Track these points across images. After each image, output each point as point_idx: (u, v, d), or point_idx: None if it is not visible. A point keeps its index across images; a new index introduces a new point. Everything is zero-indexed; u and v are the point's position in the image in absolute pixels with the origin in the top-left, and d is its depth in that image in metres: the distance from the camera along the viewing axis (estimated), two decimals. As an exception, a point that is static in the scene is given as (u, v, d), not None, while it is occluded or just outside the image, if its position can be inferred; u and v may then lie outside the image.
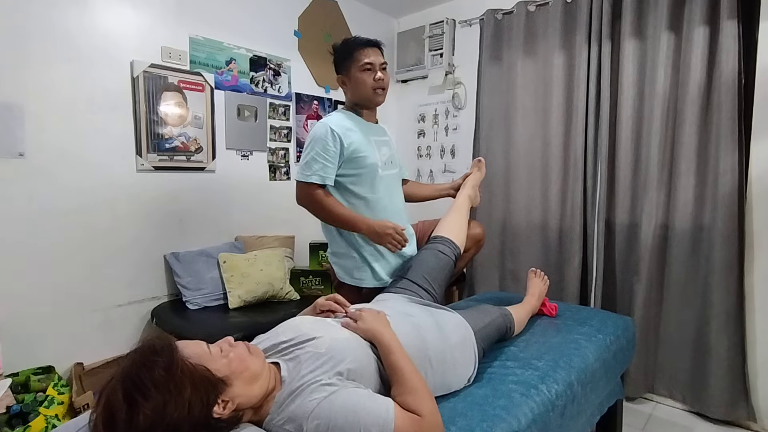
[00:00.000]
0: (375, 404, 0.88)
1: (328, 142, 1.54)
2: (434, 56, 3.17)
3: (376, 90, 1.62)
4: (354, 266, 1.65)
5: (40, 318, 1.92)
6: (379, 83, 1.62)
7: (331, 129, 1.56)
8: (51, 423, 1.62)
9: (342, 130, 1.57)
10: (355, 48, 1.61)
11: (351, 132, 1.59)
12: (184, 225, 2.38)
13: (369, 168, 1.61)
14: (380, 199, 1.64)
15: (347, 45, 1.64)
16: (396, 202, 1.72)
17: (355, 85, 1.63)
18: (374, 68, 1.61)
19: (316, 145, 1.55)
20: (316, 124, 1.61)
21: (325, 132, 1.55)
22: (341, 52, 1.65)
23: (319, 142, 1.55)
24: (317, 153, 1.55)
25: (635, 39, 2.30)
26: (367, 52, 1.61)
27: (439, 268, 1.59)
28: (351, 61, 1.61)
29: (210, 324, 2.03)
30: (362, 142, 1.60)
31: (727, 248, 2.04)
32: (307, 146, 1.58)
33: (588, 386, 1.41)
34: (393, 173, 1.72)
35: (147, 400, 0.75)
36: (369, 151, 1.61)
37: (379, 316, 1.14)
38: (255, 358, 0.94)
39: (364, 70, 1.60)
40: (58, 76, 1.92)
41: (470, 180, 1.84)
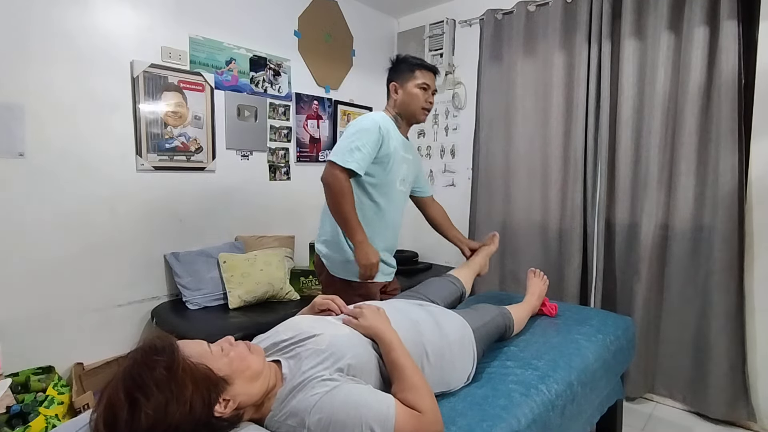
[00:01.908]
0: (376, 400, 0.89)
1: (374, 137, 1.58)
2: (434, 56, 3.17)
3: (423, 109, 1.73)
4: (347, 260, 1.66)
5: (40, 318, 1.92)
6: (428, 104, 1.73)
7: (379, 126, 1.60)
8: (51, 423, 1.62)
9: (386, 132, 1.63)
10: (420, 67, 1.72)
11: (391, 138, 1.65)
12: (184, 225, 2.38)
13: (390, 177, 1.67)
14: (390, 210, 1.70)
15: (413, 62, 1.74)
16: (398, 219, 1.78)
17: (409, 97, 1.71)
18: (428, 90, 1.73)
19: (363, 136, 1.57)
20: (365, 117, 1.64)
21: (374, 127, 1.59)
22: (406, 64, 1.75)
23: (366, 133, 1.58)
24: (363, 143, 1.56)
25: (635, 39, 2.30)
26: (428, 75, 1.73)
27: (448, 292, 1.66)
28: (411, 76, 1.71)
29: (210, 324, 2.03)
30: (394, 151, 1.66)
31: (727, 248, 2.04)
32: (353, 134, 1.59)
33: (588, 386, 1.42)
34: (404, 191, 1.79)
35: (148, 399, 0.75)
36: (396, 162, 1.67)
37: (380, 312, 1.14)
38: (256, 357, 0.94)
39: (421, 88, 1.71)
40: (58, 76, 1.92)
41: (485, 250, 1.91)
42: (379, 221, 1.67)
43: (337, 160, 1.55)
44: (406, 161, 1.75)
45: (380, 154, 1.61)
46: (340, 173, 1.54)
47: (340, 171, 1.55)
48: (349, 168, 1.54)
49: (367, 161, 1.57)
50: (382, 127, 1.61)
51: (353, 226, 1.56)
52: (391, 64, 1.80)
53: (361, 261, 1.56)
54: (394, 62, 1.79)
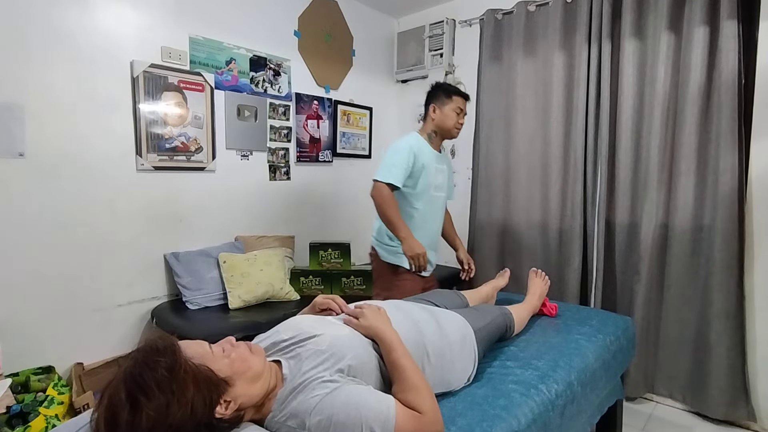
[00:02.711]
0: (376, 401, 0.89)
1: (406, 156, 1.96)
2: (434, 56, 3.17)
3: (457, 127, 2.10)
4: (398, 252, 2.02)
5: (40, 318, 1.92)
6: (459, 125, 2.10)
7: (410, 146, 1.99)
8: (51, 423, 1.62)
9: (417, 151, 2.00)
10: (456, 94, 2.08)
11: (422, 154, 2.02)
12: (184, 225, 2.38)
13: (425, 186, 2.03)
14: (427, 214, 2.07)
15: (450, 89, 2.10)
16: (437, 221, 2.16)
17: (446, 118, 2.07)
18: (461, 113, 2.09)
19: (398, 156, 1.96)
20: (400, 141, 2.04)
21: (406, 147, 1.99)
22: (443, 90, 2.09)
23: (400, 153, 1.97)
24: (398, 162, 1.95)
25: (635, 39, 2.30)
26: (462, 101, 2.09)
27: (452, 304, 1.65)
28: (449, 100, 2.07)
29: (210, 324, 2.03)
30: (427, 165, 2.02)
31: (727, 248, 2.04)
32: (390, 155, 1.99)
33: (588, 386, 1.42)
34: (441, 196, 2.15)
35: (150, 400, 0.75)
36: (429, 173, 2.03)
37: (380, 312, 1.14)
38: (257, 358, 0.94)
39: (455, 111, 2.07)
40: (58, 76, 1.92)
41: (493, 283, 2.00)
42: (419, 222, 2.03)
43: (379, 177, 1.95)
44: (440, 171, 2.12)
45: (414, 169, 1.98)
46: (383, 187, 1.93)
47: (382, 185, 1.93)
48: (388, 182, 1.92)
49: (403, 175, 1.95)
50: (413, 147, 1.99)
51: (398, 226, 1.92)
52: (430, 89, 2.14)
53: (407, 253, 1.91)
54: (433, 87, 2.14)
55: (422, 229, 2.03)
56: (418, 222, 2.02)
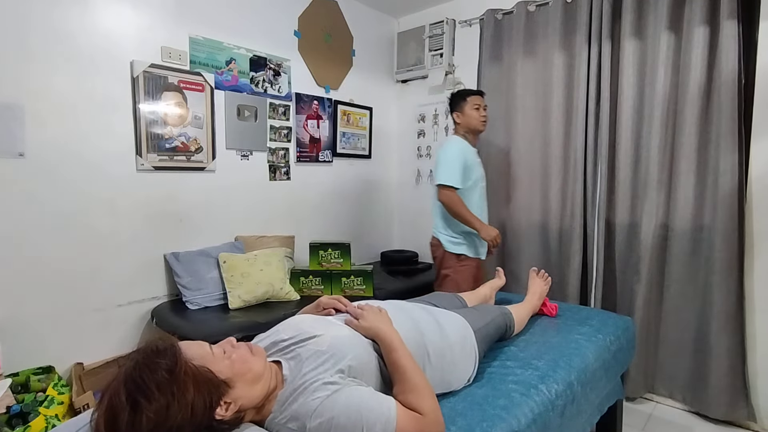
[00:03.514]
0: (377, 402, 0.89)
1: (459, 158, 2.20)
2: (434, 56, 3.17)
3: (482, 121, 2.32)
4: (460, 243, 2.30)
5: (40, 318, 1.92)
6: (484, 117, 2.33)
7: (460, 149, 2.24)
8: (51, 423, 1.62)
9: (464, 152, 2.24)
10: (469, 95, 2.32)
11: (468, 153, 2.26)
12: (184, 225, 2.38)
13: (475, 180, 2.29)
14: (479, 203, 2.32)
15: (463, 93, 2.35)
16: (483, 208, 2.38)
17: (468, 118, 2.30)
18: (480, 107, 2.31)
19: (454, 161, 2.20)
20: (449, 147, 2.26)
21: (458, 150, 2.23)
22: (458, 96, 2.34)
23: (454, 158, 2.20)
24: (455, 166, 2.19)
25: (635, 39, 2.30)
26: (477, 98, 2.32)
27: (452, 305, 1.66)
28: (465, 103, 2.30)
29: (210, 324, 2.03)
30: (472, 161, 2.27)
31: (727, 248, 2.04)
32: (446, 161, 2.21)
33: (588, 386, 1.42)
34: (483, 186, 2.40)
35: (150, 402, 0.75)
36: (474, 167, 2.28)
37: (381, 313, 1.14)
38: (257, 359, 0.94)
39: (474, 108, 2.30)
40: (58, 76, 1.92)
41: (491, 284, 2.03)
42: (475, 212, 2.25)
43: (442, 182, 2.19)
44: (480, 164, 2.38)
45: (465, 168, 2.22)
46: (448, 190, 2.19)
47: (447, 188, 2.19)
48: (451, 185, 2.17)
49: (460, 176, 2.19)
50: (461, 150, 2.24)
51: (470, 220, 2.19)
52: (449, 100, 2.40)
53: (486, 238, 2.19)
54: (450, 99, 2.39)
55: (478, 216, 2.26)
56: (474, 212, 2.24)
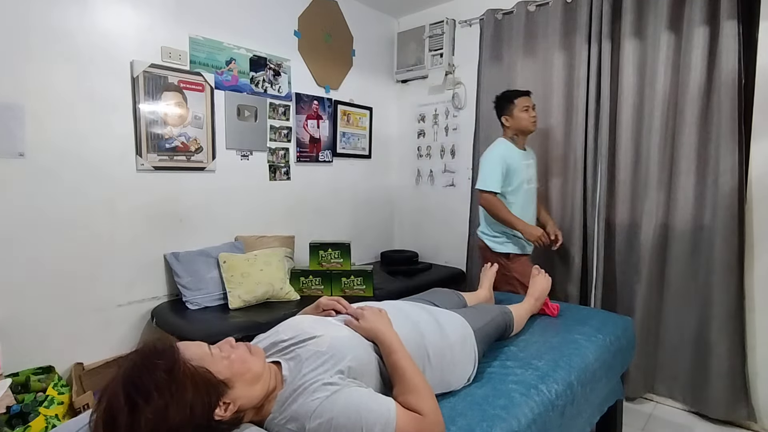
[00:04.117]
0: (377, 403, 0.88)
1: (499, 164, 2.23)
2: (434, 56, 3.17)
3: (533, 122, 2.30)
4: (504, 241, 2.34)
5: (40, 318, 1.92)
6: (534, 118, 2.31)
7: (500, 154, 2.26)
8: (51, 423, 1.62)
9: (506, 156, 2.26)
10: (516, 96, 2.30)
11: (511, 157, 2.27)
12: (184, 225, 2.38)
13: (519, 183, 2.28)
14: (524, 205, 2.30)
15: (509, 95, 2.33)
16: (532, 209, 2.38)
17: (518, 120, 2.29)
18: (529, 108, 2.29)
19: (494, 166, 2.24)
20: (490, 151, 2.32)
21: (497, 155, 2.26)
22: (505, 99, 2.33)
23: (494, 163, 2.24)
24: (494, 170, 2.23)
25: (635, 39, 2.30)
26: (525, 99, 2.30)
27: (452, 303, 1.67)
28: (513, 105, 2.29)
29: (210, 324, 2.03)
30: (516, 165, 2.27)
31: (727, 248, 2.04)
32: (485, 166, 2.27)
33: (588, 386, 1.42)
34: (532, 188, 2.37)
35: (148, 402, 0.75)
36: (519, 171, 2.28)
37: (381, 314, 1.14)
38: (256, 359, 0.94)
39: (523, 111, 2.28)
40: (58, 76, 1.92)
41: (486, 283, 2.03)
42: (518, 213, 2.26)
43: (482, 187, 2.26)
44: (529, 166, 2.35)
45: (507, 171, 2.24)
46: (488, 194, 2.24)
47: (487, 194, 2.24)
48: (490, 190, 2.23)
49: (500, 180, 2.22)
50: (503, 154, 2.26)
51: (512, 222, 2.22)
52: (495, 104, 2.39)
53: (530, 239, 2.22)
54: (496, 102, 2.38)
55: (524, 218, 2.27)
56: (517, 213, 2.26)
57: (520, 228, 2.21)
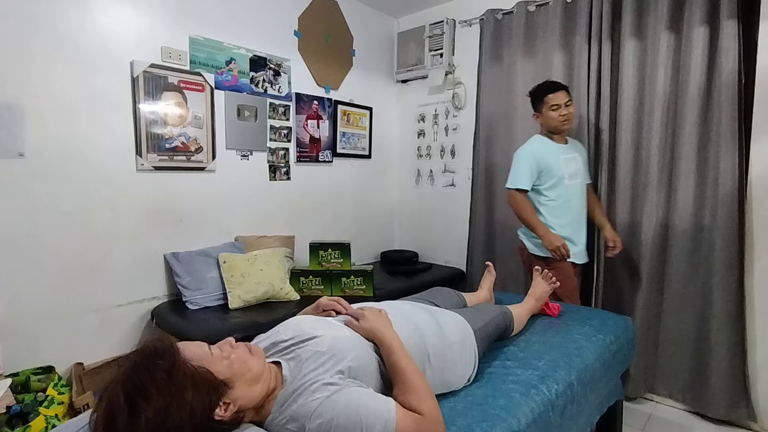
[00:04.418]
0: (377, 404, 0.88)
1: (529, 161, 2.14)
2: (434, 56, 3.17)
3: (562, 121, 2.15)
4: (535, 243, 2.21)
5: (40, 318, 1.92)
6: (562, 117, 2.14)
7: (530, 151, 2.17)
8: (51, 423, 1.62)
9: (538, 152, 2.16)
10: (546, 93, 2.16)
11: (545, 153, 2.16)
12: (184, 225, 2.37)
13: (557, 180, 2.15)
14: (565, 202, 2.17)
15: (540, 91, 2.20)
16: (577, 206, 2.21)
17: (547, 119, 2.18)
18: (560, 107, 2.14)
19: (522, 163, 2.15)
20: (522, 148, 2.22)
21: (528, 154, 2.17)
22: (536, 95, 2.21)
23: (523, 160, 2.16)
24: (523, 168, 2.14)
25: (635, 39, 2.30)
26: (556, 95, 2.14)
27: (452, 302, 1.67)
28: (543, 103, 2.17)
29: (210, 324, 2.03)
30: (552, 160, 2.15)
31: (727, 248, 2.04)
32: (515, 164, 2.19)
33: (588, 386, 1.42)
34: (576, 183, 2.20)
35: (148, 403, 0.75)
36: (557, 166, 2.15)
37: (381, 314, 1.14)
38: (256, 359, 0.94)
39: (552, 110, 2.14)
40: (58, 76, 1.92)
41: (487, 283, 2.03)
42: (559, 211, 2.16)
43: (509, 186, 2.18)
44: (572, 159, 2.20)
45: (540, 168, 2.14)
46: (514, 194, 2.16)
47: (514, 192, 2.16)
48: (517, 188, 2.14)
49: (529, 178, 2.13)
50: (533, 151, 2.17)
51: (534, 225, 2.13)
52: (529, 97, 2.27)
53: (548, 247, 2.09)
54: (530, 97, 2.26)
55: (563, 216, 2.16)
56: (558, 211, 2.15)
57: (541, 233, 2.10)
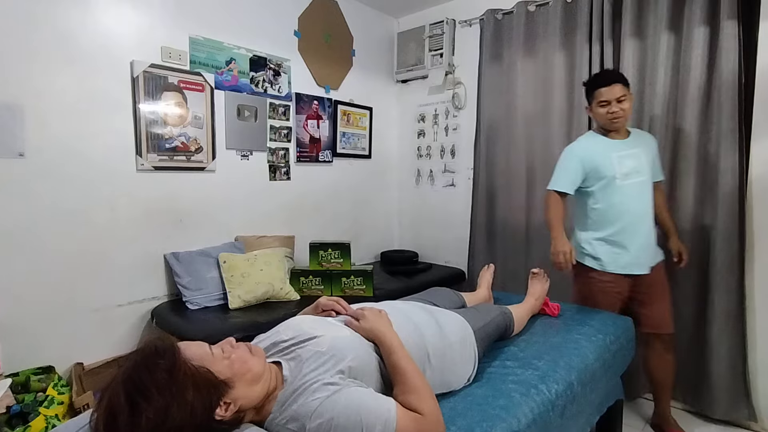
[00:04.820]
0: (377, 403, 0.89)
1: (571, 161, 1.97)
2: (434, 56, 3.17)
3: (610, 119, 1.92)
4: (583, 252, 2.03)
5: (40, 318, 1.92)
6: (611, 115, 1.91)
7: (573, 151, 2.00)
8: (51, 423, 1.62)
9: (584, 152, 1.97)
10: (595, 88, 1.94)
11: (592, 152, 1.95)
12: (184, 225, 2.37)
13: (607, 180, 1.92)
14: (616, 205, 1.92)
15: (590, 86, 1.98)
16: (633, 209, 1.93)
17: (596, 116, 1.98)
18: (609, 103, 1.90)
19: (564, 164, 2.00)
20: (568, 147, 2.05)
21: (570, 154, 2.00)
22: (587, 89, 2.00)
23: (566, 160, 2.00)
24: (564, 169, 1.99)
25: (635, 39, 2.30)
26: (606, 91, 1.90)
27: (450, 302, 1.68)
28: (592, 98, 1.97)
29: (210, 324, 2.03)
30: (601, 159, 1.93)
31: (727, 248, 2.04)
32: (559, 163, 2.02)
33: (588, 386, 1.42)
34: (635, 182, 1.92)
35: (149, 402, 0.75)
36: (606, 166, 1.92)
37: (381, 314, 1.14)
38: (257, 359, 0.94)
39: (601, 106, 1.92)
40: (58, 76, 1.92)
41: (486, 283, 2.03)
42: (609, 215, 1.93)
43: (549, 186, 2.02)
44: (630, 156, 1.93)
45: (587, 168, 1.94)
46: (549, 194, 2.01)
47: (550, 192, 2.01)
48: (555, 189, 1.98)
49: (570, 180, 1.96)
50: (578, 150, 1.99)
51: (551, 226, 1.98)
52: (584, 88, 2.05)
53: (551, 251, 1.95)
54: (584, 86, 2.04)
55: (613, 221, 1.93)
56: (606, 216, 1.94)
57: (553, 236, 1.96)
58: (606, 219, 1.95)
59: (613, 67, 2.38)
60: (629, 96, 1.91)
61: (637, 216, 1.93)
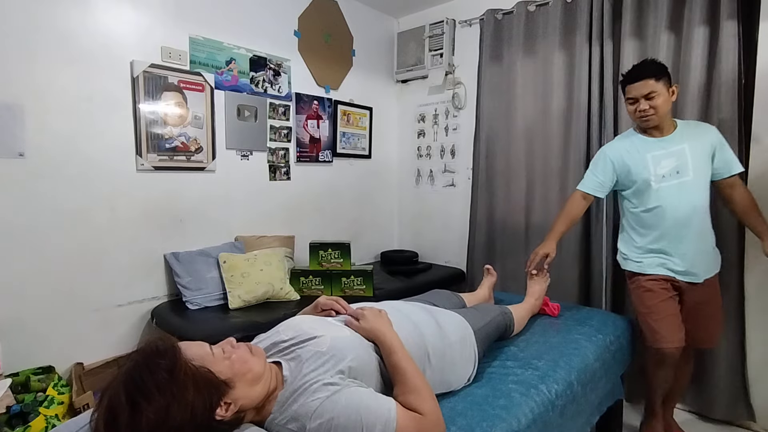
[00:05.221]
0: (377, 403, 0.89)
1: (601, 163, 1.90)
2: (434, 56, 3.17)
3: (639, 117, 1.78)
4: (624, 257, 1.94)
5: (40, 318, 1.92)
6: (640, 113, 1.77)
7: (605, 152, 1.91)
8: (51, 423, 1.62)
9: (615, 153, 1.87)
10: (624, 84, 1.81)
11: (625, 153, 1.84)
12: (184, 225, 2.38)
13: (640, 183, 1.81)
14: (660, 209, 1.77)
15: (621, 80, 1.84)
16: (674, 213, 1.76)
17: (628, 113, 1.86)
18: (637, 101, 1.76)
19: (594, 165, 1.93)
20: (602, 148, 1.96)
21: (601, 155, 1.92)
22: (621, 85, 1.86)
23: (596, 161, 1.93)
24: (593, 170, 1.92)
25: (635, 39, 2.30)
26: (634, 88, 1.76)
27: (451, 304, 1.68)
28: (624, 95, 1.84)
29: (210, 324, 2.03)
30: (635, 159, 1.81)
31: (727, 248, 2.04)
32: (591, 163, 1.96)
33: (588, 386, 1.42)
34: (673, 184, 1.76)
35: (150, 402, 0.75)
36: (639, 167, 1.80)
37: (381, 314, 1.14)
38: (257, 359, 0.94)
39: (630, 103, 1.81)
40: (58, 76, 1.92)
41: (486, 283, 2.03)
42: (650, 221, 1.81)
43: (578, 186, 1.96)
44: (672, 155, 1.77)
45: (619, 170, 1.86)
46: (574, 193, 1.97)
47: (575, 191, 1.96)
48: (580, 189, 1.94)
49: (598, 181, 1.89)
50: (611, 149, 1.89)
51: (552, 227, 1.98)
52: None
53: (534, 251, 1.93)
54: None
55: (653, 226, 1.80)
56: (644, 220, 1.82)
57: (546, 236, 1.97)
58: (645, 225, 1.82)
59: (613, 68, 2.37)
60: (663, 91, 1.71)
61: (678, 221, 1.76)
